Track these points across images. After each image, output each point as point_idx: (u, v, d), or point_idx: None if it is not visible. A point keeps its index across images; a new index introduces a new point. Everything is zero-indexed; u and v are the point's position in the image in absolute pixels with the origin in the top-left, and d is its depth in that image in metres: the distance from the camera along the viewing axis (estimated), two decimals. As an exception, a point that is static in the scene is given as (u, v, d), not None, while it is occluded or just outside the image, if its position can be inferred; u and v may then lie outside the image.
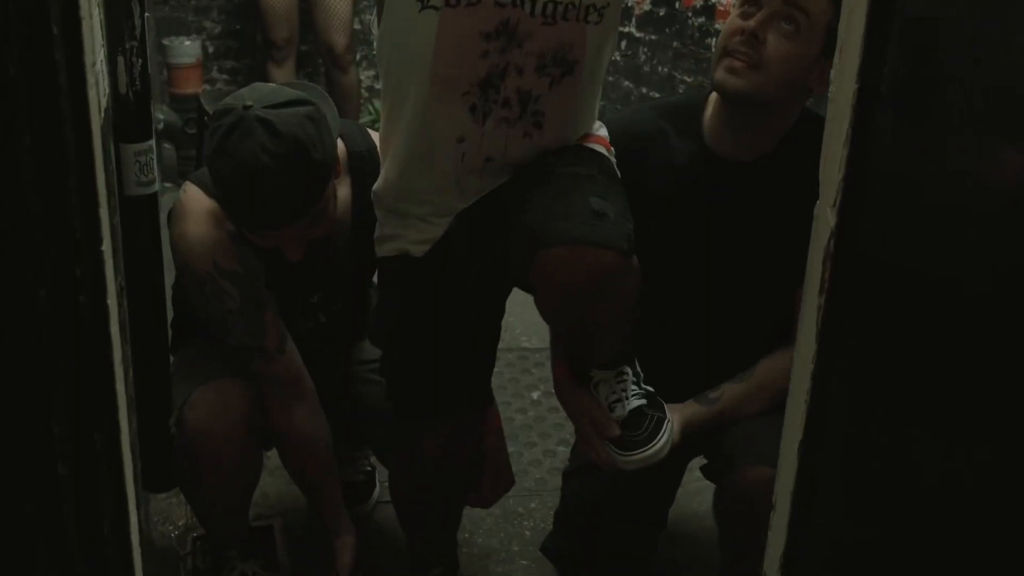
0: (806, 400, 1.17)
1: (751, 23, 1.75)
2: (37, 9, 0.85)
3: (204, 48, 4.74)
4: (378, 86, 5.16)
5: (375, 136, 1.97)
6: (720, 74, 1.78)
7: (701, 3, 3.43)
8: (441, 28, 1.61)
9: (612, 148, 1.84)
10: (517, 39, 1.63)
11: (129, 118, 1.96)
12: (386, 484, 2.49)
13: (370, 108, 5.08)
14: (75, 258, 0.95)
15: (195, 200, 1.98)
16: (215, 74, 4.93)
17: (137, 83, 1.95)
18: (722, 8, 3.39)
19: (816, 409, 1.17)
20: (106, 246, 1.04)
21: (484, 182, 1.74)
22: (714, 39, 3.44)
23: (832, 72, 1.16)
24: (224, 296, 1.96)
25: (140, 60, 1.94)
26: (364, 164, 1.97)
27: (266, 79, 4.49)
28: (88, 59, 0.94)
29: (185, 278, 2.00)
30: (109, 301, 1.04)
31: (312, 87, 2.11)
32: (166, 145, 4.45)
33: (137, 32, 1.92)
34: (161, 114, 4.40)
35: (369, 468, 2.49)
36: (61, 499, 1.01)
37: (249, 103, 1.83)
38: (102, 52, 1.93)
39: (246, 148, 1.79)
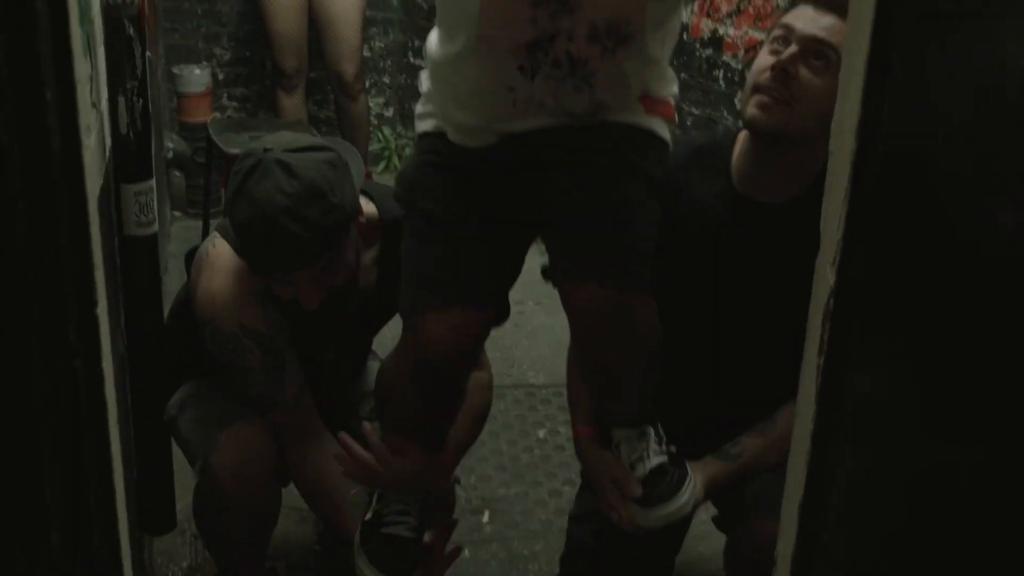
0: (806, 461, 1.16)
1: (783, 59, 1.73)
2: (30, 74, 0.84)
3: (214, 75, 4.75)
4: (388, 113, 5.20)
5: None
6: (751, 110, 1.77)
7: (709, 34, 3.42)
8: None
9: (675, 117, 1.82)
10: (569, 5, 1.57)
11: (130, 158, 1.96)
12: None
13: (379, 135, 5.08)
14: (69, 322, 0.95)
15: (223, 256, 1.99)
16: (225, 101, 4.94)
17: (138, 123, 1.95)
18: (729, 40, 3.38)
19: (816, 470, 1.16)
20: (101, 309, 1.03)
21: (540, 119, 1.70)
22: (722, 71, 3.43)
23: (832, 125, 1.15)
24: (246, 355, 1.98)
25: (141, 100, 1.94)
26: (397, 232, 1.94)
27: (275, 106, 4.51)
28: (83, 121, 0.94)
29: (207, 332, 2.00)
30: (104, 364, 1.03)
31: (342, 142, 2.13)
32: (176, 173, 4.46)
33: (138, 72, 1.92)
34: (171, 143, 4.41)
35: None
36: (54, 566, 1.00)
37: (269, 147, 1.85)
38: (104, 92, 1.94)
39: (263, 189, 1.81)
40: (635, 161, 1.72)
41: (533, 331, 3.32)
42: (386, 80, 5.11)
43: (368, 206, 2.03)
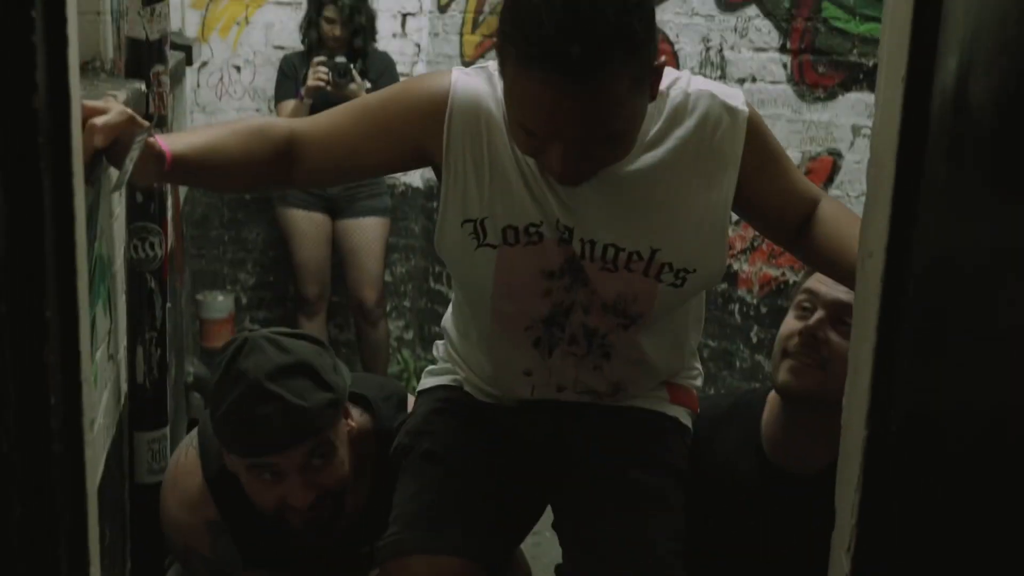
0: None
1: (810, 324, 1.74)
2: (36, 383, 0.85)
3: (237, 299, 4.84)
4: (408, 336, 5.25)
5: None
6: (783, 375, 1.76)
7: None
8: (499, 266, 1.56)
9: (697, 408, 1.78)
10: (583, 278, 1.56)
11: (145, 406, 1.98)
12: None
13: (399, 358, 5.11)
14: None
15: (188, 475, 1.93)
16: (247, 324, 5.00)
17: (155, 372, 1.98)
18: (744, 276, 3.43)
19: None
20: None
21: (560, 396, 1.68)
22: (737, 305, 3.46)
23: (843, 412, 1.15)
24: (194, 570, 1.97)
25: (159, 350, 1.97)
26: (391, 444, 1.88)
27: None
28: (87, 419, 0.94)
29: (164, 532, 1.98)
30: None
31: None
32: (195, 395, 4.48)
33: (158, 324, 1.95)
34: (191, 367, 4.45)
35: None
36: None
37: (255, 328, 1.86)
38: (123, 341, 1.96)
39: (250, 361, 1.77)
40: (658, 454, 1.69)
41: (551, 563, 3.23)
42: (407, 304, 5.18)
43: (361, 416, 1.96)
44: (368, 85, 4.15)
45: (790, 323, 1.77)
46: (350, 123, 1.58)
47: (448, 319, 1.79)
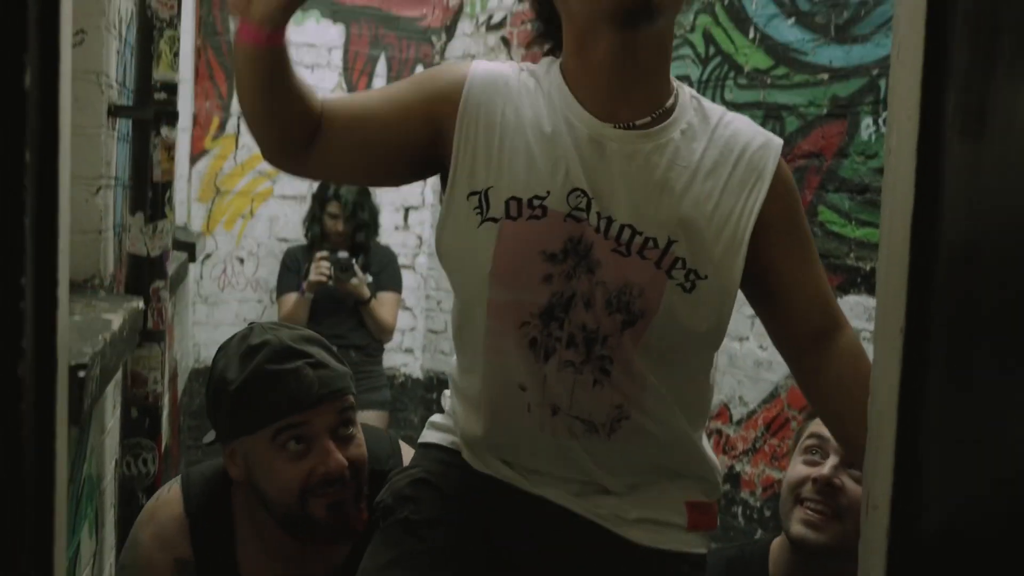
0: None
1: (824, 471, 1.69)
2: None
3: (233, 491, 4.78)
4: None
5: (407, 452, 1.84)
6: (796, 528, 1.70)
7: (725, 471, 3.43)
8: (500, 243, 1.48)
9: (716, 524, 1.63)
10: (588, 263, 1.47)
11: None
12: None
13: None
14: None
15: (167, 508, 1.84)
16: (242, 516, 4.93)
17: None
18: (746, 478, 3.38)
19: None
20: None
21: (559, 444, 1.54)
22: (740, 507, 3.41)
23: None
24: None
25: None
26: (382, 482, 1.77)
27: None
28: None
29: (118, 569, 1.86)
30: None
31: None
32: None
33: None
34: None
35: None
36: None
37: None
38: (111, 558, 1.91)
39: (271, 334, 1.76)
40: None
41: None
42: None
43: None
44: (370, 279, 4.19)
45: (800, 469, 1.73)
46: (377, 93, 1.62)
47: (453, 361, 1.71)
